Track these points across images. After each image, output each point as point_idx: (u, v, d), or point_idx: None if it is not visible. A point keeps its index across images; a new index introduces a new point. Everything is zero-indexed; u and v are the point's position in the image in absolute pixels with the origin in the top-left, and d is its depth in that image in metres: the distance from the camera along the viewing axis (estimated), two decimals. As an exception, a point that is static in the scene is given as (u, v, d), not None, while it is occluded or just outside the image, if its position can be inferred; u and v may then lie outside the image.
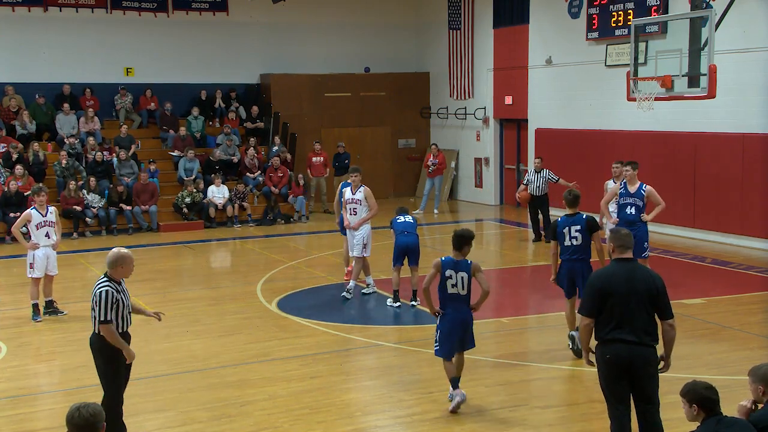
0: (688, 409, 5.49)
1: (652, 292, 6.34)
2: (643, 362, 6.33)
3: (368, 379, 9.38)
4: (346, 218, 12.79)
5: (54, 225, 12.09)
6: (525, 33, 22.14)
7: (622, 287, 6.34)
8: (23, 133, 21.16)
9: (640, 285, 6.34)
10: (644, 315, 6.32)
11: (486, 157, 24.07)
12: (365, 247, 12.65)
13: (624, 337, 6.31)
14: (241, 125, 23.81)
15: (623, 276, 6.39)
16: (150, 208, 20.07)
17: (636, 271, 6.45)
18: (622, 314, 6.32)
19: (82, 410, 4.62)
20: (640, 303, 6.31)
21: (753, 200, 16.37)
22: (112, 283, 7.38)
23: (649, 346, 6.34)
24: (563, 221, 9.73)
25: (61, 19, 22.56)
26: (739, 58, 16.05)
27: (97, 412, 4.64)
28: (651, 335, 6.36)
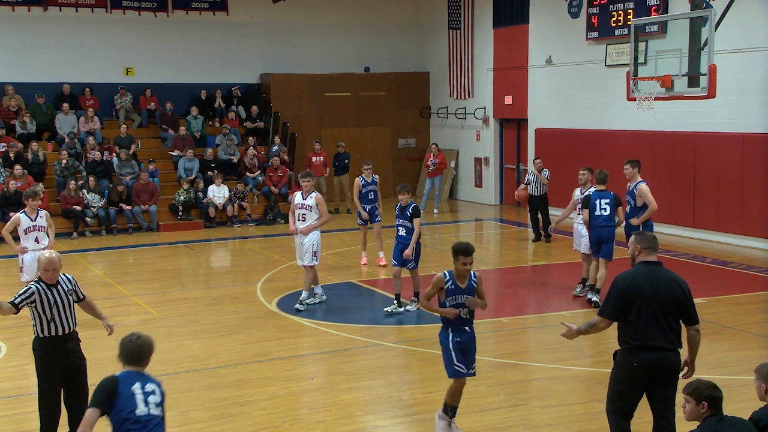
0: (695, 407, 5.46)
1: (678, 297, 6.21)
2: (670, 369, 6.24)
3: (368, 379, 9.38)
4: (293, 224, 12.22)
5: (44, 229, 11.67)
6: (525, 33, 22.14)
7: (648, 291, 6.18)
8: (23, 133, 21.16)
9: (665, 289, 6.21)
10: (670, 321, 6.19)
11: (486, 157, 24.07)
12: (315, 255, 12.10)
13: (654, 344, 6.15)
14: (241, 125, 23.82)
15: (649, 280, 6.23)
16: (150, 207, 20.06)
17: (661, 274, 6.30)
18: (648, 318, 6.16)
19: (134, 339, 5.51)
20: (667, 308, 6.18)
21: (753, 200, 16.37)
22: (40, 284, 7.27)
23: (675, 352, 6.24)
24: (595, 195, 12.01)
25: (61, 19, 22.56)
26: (739, 57, 16.05)
27: (147, 342, 5.55)
28: (676, 341, 6.24)
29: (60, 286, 7.33)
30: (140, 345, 5.49)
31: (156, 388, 5.43)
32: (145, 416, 5.29)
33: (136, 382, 5.37)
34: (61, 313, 7.29)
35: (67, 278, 7.42)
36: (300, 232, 12.11)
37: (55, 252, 7.55)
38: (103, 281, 14.90)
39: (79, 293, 7.59)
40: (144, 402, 5.32)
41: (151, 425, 5.29)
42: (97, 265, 16.53)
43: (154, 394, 5.39)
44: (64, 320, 7.32)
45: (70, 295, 7.39)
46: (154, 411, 5.33)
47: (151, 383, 5.44)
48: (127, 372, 5.44)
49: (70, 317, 7.40)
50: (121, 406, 5.24)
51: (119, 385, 5.31)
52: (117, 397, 5.26)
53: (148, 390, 5.38)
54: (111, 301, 13.36)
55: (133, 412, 5.25)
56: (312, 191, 12.20)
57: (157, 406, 5.36)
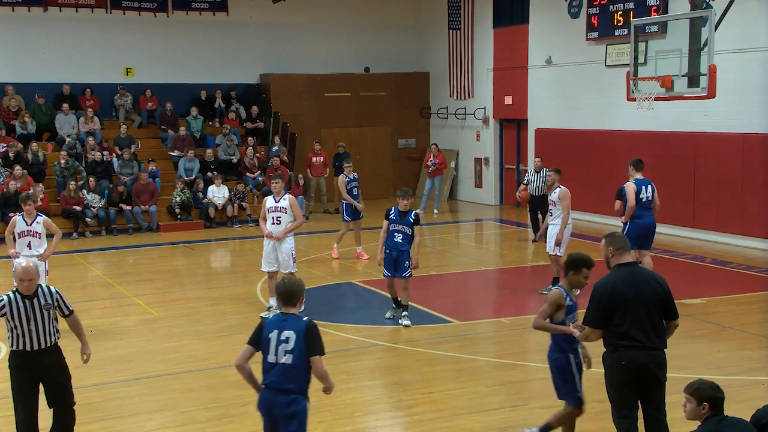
0: (696, 407, 5.46)
1: (660, 296, 6.26)
2: (657, 367, 6.27)
3: (368, 379, 9.38)
4: (266, 228, 11.75)
5: (39, 235, 11.10)
6: (525, 33, 22.14)
7: (629, 294, 6.20)
8: (23, 133, 21.16)
9: (646, 289, 6.24)
10: (654, 319, 6.24)
11: (486, 157, 24.07)
12: (294, 261, 11.84)
13: (638, 343, 6.20)
14: (241, 125, 23.82)
15: (628, 282, 6.25)
16: (150, 208, 20.06)
17: (639, 275, 6.36)
18: (633, 320, 6.20)
19: (286, 281, 6.15)
20: (649, 307, 6.22)
21: (753, 200, 16.37)
22: (15, 294, 6.81)
23: (660, 350, 6.28)
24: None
25: (61, 19, 22.56)
26: (739, 58, 16.05)
27: (297, 283, 6.10)
28: (662, 339, 6.30)
29: (37, 298, 6.83)
30: (291, 286, 5.97)
31: (291, 334, 5.74)
32: (273, 363, 5.78)
33: (276, 329, 5.80)
34: (38, 327, 6.77)
35: (49, 291, 6.96)
36: (276, 237, 11.67)
37: (34, 261, 7.19)
38: (103, 281, 14.90)
39: (63, 308, 7.05)
40: (275, 350, 5.78)
41: (276, 371, 5.75)
42: (97, 266, 16.54)
43: (287, 343, 5.74)
44: (40, 335, 6.78)
45: (47, 309, 6.83)
46: (282, 359, 5.77)
47: (289, 330, 5.78)
48: (276, 316, 5.93)
49: (48, 332, 6.84)
50: (261, 348, 5.85)
51: (264, 329, 5.86)
52: (261, 339, 5.85)
53: (282, 338, 5.77)
54: (111, 301, 13.37)
55: (265, 357, 5.83)
56: (284, 193, 11.84)
57: (286, 353, 5.74)
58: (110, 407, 8.56)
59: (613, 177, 19.44)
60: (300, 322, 5.82)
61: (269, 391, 5.80)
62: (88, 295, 14.14)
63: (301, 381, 5.79)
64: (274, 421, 5.84)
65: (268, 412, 5.86)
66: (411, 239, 11.15)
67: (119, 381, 9.32)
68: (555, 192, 12.62)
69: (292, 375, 5.74)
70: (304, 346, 5.76)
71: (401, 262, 11.09)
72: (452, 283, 14.17)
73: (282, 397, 5.76)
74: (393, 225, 11.13)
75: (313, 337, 5.81)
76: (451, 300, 12.78)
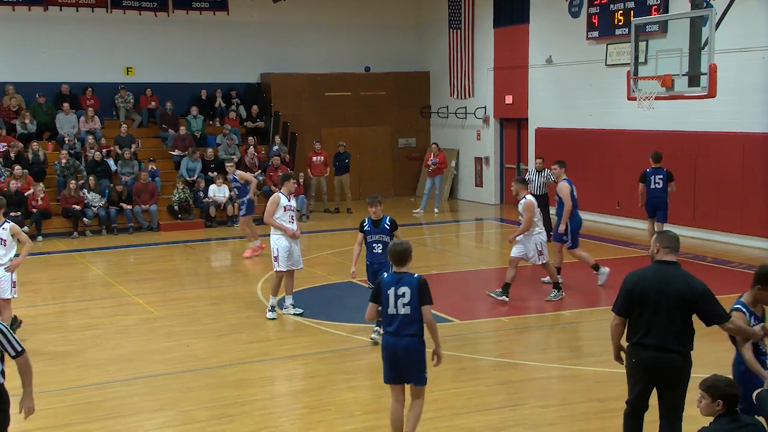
0: (710, 403, 5.41)
1: (686, 296, 6.07)
2: (666, 368, 6.16)
3: (368, 378, 9.37)
4: (290, 227, 11.70)
5: (5, 243, 10.33)
6: (525, 32, 22.13)
7: (652, 290, 6.15)
8: (23, 133, 21.16)
9: (672, 289, 6.11)
10: (675, 321, 6.09)
11: (486, 157, 24.06)
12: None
13: (651, 343, 6.14)
14: (241, 125, 23.82)
15: (657, 279, 6.18)
16: (150, 207, 20.06)
17: (672, 274, 6.19)
18: (649, 318, 6.15)
19: (397, 244, 7.07)
20: (671, 308, 6.09)
21: (753, 199, 16.37)
22: None
23: (675, 353, 6.12)
24: (651, 171, 15.20)
25: (62, 19, 22.55)
26: (739, 57, 16.05)
27: (407, 246, 7.00)
28: (681, 342, 6.12)
29: None
30: (403, 249, 6.96)
31: (407, 290, 6.79)
32: (393, 314, 6.87)
33: (393, 286, 6.87)
34: None
35: None
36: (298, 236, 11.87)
37: None
38: (103, 281, 14.90)
39: (8, 347, 6.10)
40: (394, 303, 6.85)
41: (397, 320, 6.84)
42: (98, 265, 16.53)
43: (404, 297, 6.80)
44: None
45: None
46: (402, 311, 6.83)
47: (404, 286, 6.83)
48: (391, 275, 6.96)
49: None
50: (381, 303, 6.92)
51: (381, 287, 6.93)
52: (380, 295, 6.92)
53: (399, 293, 6.83)
54: (111, 300, 13.37)
55: (385, 310, 6.90)
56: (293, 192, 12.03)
57: (404, 306, 6.81)
58: (110, 406, 8.56)
59: (614, 176, 19.49)
60: (413, 279, 6.87)
61: (392, 337, 6.89)
62: (88, 295, 14.14)
63: (418, 327, 6.84)
64: (398, 361, 6.91)
65: (392, 353, 6.92)
66: None
67: (119, 380, 9.32)
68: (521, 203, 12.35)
69: (410, 322, 6.81)
70: (417, 297, 6.76)
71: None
72: (452, 282, 14.16)
73: (404, 340, 6.84)
74: (369, 236, 10.40)
75: (424, 291, 6.82)
76: (452, 299, 12.77)
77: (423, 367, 6.94)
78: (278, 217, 11.69)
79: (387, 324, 6.96)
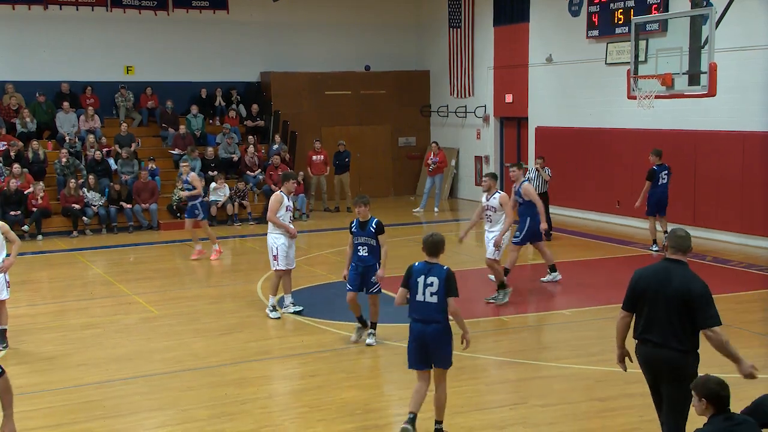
0: (698, 402, 5.44)
1: (684, 297, 6.10)
2: (664, 366, 6.19)
3: (368, 377, 9.38)
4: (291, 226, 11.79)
5: None
6: (525, 31, 22.12)
7: (653, 287, 6.23)
8: (23, 132, 21.16)
9: (671, 288, 6.15)
10: (673, 318, 6.12)
11: (486, 155, 24.05)
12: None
13: (649, 338, 6.24)
14: (241, 123, 23.81)
15: (658, 276, 6.25)
16: (150, 206, 20.06)
17: (673, 273, 6.22)
18: (650, 315, 6.24)
19: (430, 236, 7.43)
20: (670, 306, 6.13)
21: (753, 198, 16.36)
22: None
23: (675, 351, 6.13)
24: (658, 168, 15.68)
25: (62, 18, 22.55)
26: (739, 56, 16.04)
27: (440, 238, 7.41)
28: (680, 340, 6.13)
29: None
30: (437, 241, 7.38)
31: (435, 280, 7.15)
32: (422, 302, 7.21)
33: (423, 274, 7.24)
34: None
35: None
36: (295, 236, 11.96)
37: None
38: (103, 280, 14.90)
39: None
40: (422, 291, 7.20)
41: (425, 308, 7.19)
42: (98, 264, 16.53)
43: (432, 286, 7.16)
44: None
45: None
46: (429, 299, 7.18)
47: (433, 276, 7.19)
48: (422, 263, 7.32)
49: None
50: (410, 289, 7.27)
51: (412, 274, 7.29)
52: (410, 281, 7.27)
53: (428, 282, 7.20)
54: (111, 299, 13.37)
55: (414, 296, 7.25)
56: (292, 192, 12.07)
57: (432, 294, 7.16)
58: (110, 405, 8.56)
59: (614, 175, 19.49)
60: (442, 270, 7.24)
61: (420, 323, 7.24)
62: (88, 293, 14.14)
63: (445, 315, 7.19)
64: (426, 345, 7.25)
65: (420, 339, 7.28)
66: (378, 251, 10.13)
67: (119, 379, 9.32)
68: (495, 197, 12.24)
69: (437, 311, 7.16)
70: (444, 289, 7.11)
71: (368, 278, 10.18)
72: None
73: (431, 326, 7.20)
74: (356, 238, 10.17)
75: (451, 283, 7.19)
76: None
77: (449, 351, 7.31)
78: (280, 216, 11.70)
79: (415, 311, 7.30)
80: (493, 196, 12.25)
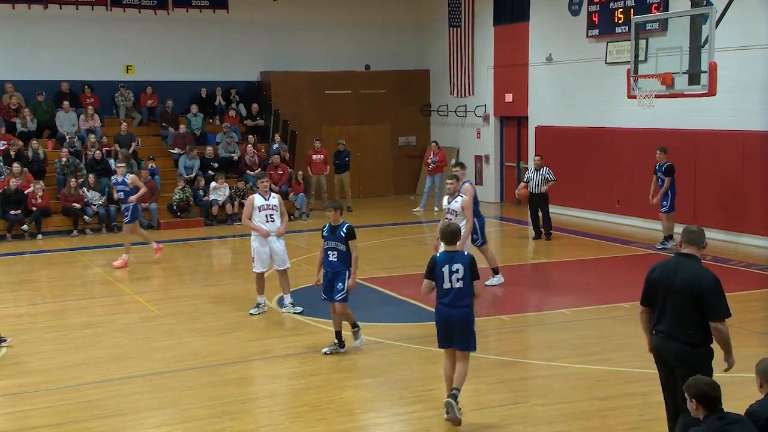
0: (689, 403, 5.47)
1: (694, 290, 6.25)
2: (674, 357, 6.33)
3: (368, 376, 9.38)
4: (263, 226, 11.79)
5: None
6: (525, 30, 22.13)
7: (664, 281, 6.42)
8: (23, 131, 21.16)
9: (680, 282, 6.32)
10: (682, 311, 6.28)
11: (486, 155, 24.06)
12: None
13: (659, 329, 6.42)
14: (241, 123, 23.81)
15: (669, 270, 6.45)
16: (150, 205, 20.06)
17: (684, 267, 6.40)
18: (661, 307, 6.43)
19: (449, 225, 7.88)
20: (680, 299, 6.30)
21: (753, 198, 16.36)
22: None
23: (683, 343, 6.27)
24: (657, 168, 15.91)
25: (61, 17, 22.55)
26: (740, 55, 16.04)
27: (455, 227, 7.88)
28: (689, 332, 6.25)
29: None
30: (454, 230, 7.82)
31: (460, 266, 7.64)
32: (448, 288, 7.71)
33: (447, 264, 7.68)
34: None
35: None
36: (277, 234, 11.89)
37: None
38: (103, 279, 14.90)
39: None
40: (449, 279, 7.68)
41: (452, 293, 7.70)
42: (98, 263, 16.53)
43: (458, 273, 7.65)
44: None
45: None
46: (456, 285, 7.69)
47: (458, 263, 7.68)
48: (443, 253, 7.77)
49: None
50: (436, 278, 7.72)
51: (436, 265, 7.73)
52: (435, 272, 7.73)
53: (453, 269, 7.67)
54: (111, 299, 13.38)
55: (440, 285, 7.72)
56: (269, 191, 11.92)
57: (459, 280, 7.67)
58: (110, 405, 8.56)
59: (614, 174, 19.49)
60: (465, 257, 7.77)
61: (447, 308, 7.73)
62: (88, 293, 14.14)
63: (470, 299, 7.74)
64: (451, 327, 7.76)
65: (446, 321, 7.78)
66: (348, 257, 9.81)
67: (119, 378, 9.32)
68: (457, 201, 11.90)
69: (463, 295, 7.70)
70: (470, 273, 7.64)
71: (335, 284, 9.82)
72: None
73: (457, 310, 7.71)
74: (326, 242, 9.85)
75: (474, 267, 7.73)
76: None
77: (472, 336, 7.80)
78: (256, 218, 11.77)
79: (442, 297, 7.77)
80: (455, 199, 11.97)
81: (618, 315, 11.60)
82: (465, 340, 7.79)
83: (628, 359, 9.58)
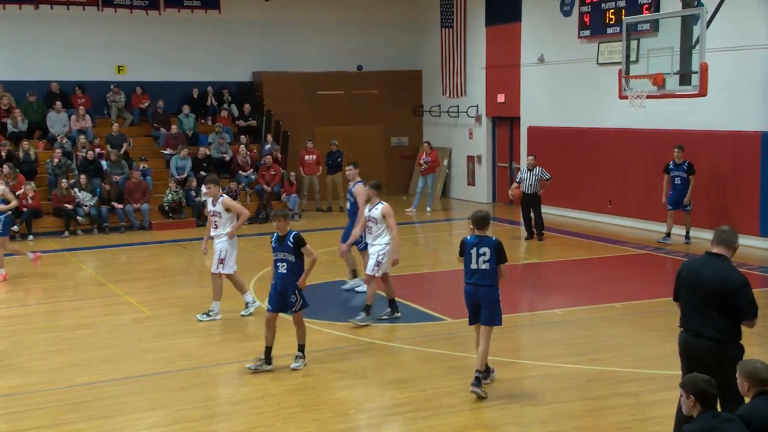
0: (685, 400, 5.48)
1: (720, 289, 6.31)
2: (705, 356, 6.32)
3: (361, 377, 9.37)
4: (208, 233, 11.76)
5: None
6: (517, 31, 22.15)
7: (692, 279, 6.53)
8: (14, 132, 21.09)
9: (707, 281, 6.39)
10: (708, 309, 6.33)
11: (479, 155, 24.08)
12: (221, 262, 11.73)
13: (689, 327, 6.49)
14: (233, 123, 23.78)
15: (696, 268, 6.58)
16: (142, 206, 20.02)
17: (712, 266, 6.48)
18: (688, 305, 6.52)
19: (477, 211, 8.61)
20: (706, 298, 6.36)
21: (746, 198, 16.39)
22: None
23: (710, 340, 6.31)
24: (672, 166, 16.31)
25: (53, 17, 22.49)
26: (732, 55, 16.08)
27: (489, 214, 8.63)
28: (717, 330, 6.30)
29: None
30: (484, 216, 8.55)
31: (487, 249, 8.33)
32: (475, 269, 8.42)
33: (475, 246, 8.39)
34: None
35: None
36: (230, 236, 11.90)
37: None
38: (95, 280, 14.86)
39: None
40: (476, 260, 8.39)
41: (478, 274, 8.41)
42: (89, 264, 16.49)
43: (484, 255, 8.34)
44: None
45: None
46: (482, 266, 8.38)
47: (485, 247, 8.36)
48: (473, 236, 8.46)
49: None
50: (465, 259, 8.49)
51: (465, 246, 8.47)
52: (464, 252, 8.48)
53: (481, 252, 8.37)
54: (103, 300, 13.34)
55: (468, 265, 8.45)
56: (220, 196, 11.82)
57: (485, 262, 8.35)
58: (101, 406, 8.53)
59: (605, 175, 19.53)
60: (492, 241, 8.42)
61: (473, 287, 8.45)
62: (79, 294, 14.10)
63: (495, 279, 8.41)
64: (478, 304, 8.46)
65: (473, 299, 8.49)
66: (299, 268, 9.31)
67: (111, 380, 9.29)
68: (377, 208, 11.27)
69: (489, 276, 8.38)
70: (495, 257, 8.32)
71: (287, 296, 9.33)
72: (445, 281, 14.13)
73: (483, 290, 8.40)
74: (274, 254, 9.38)
75: (500, 251, 8.40)
76: (444, 298, 12.78)
77: (497, 311, 8.45)
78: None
79: (469, 276, 8.46)
80: (375, 206, 11.35)
81: (610, 315, 11.62)
82: (490, 315, 8.40)
83: (620, 359, 9.61)
